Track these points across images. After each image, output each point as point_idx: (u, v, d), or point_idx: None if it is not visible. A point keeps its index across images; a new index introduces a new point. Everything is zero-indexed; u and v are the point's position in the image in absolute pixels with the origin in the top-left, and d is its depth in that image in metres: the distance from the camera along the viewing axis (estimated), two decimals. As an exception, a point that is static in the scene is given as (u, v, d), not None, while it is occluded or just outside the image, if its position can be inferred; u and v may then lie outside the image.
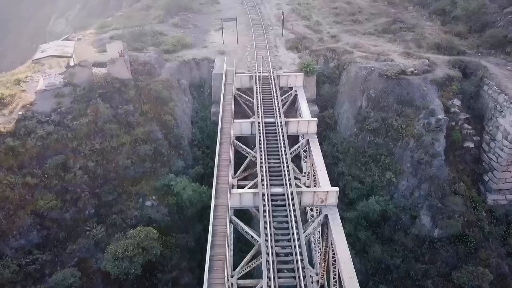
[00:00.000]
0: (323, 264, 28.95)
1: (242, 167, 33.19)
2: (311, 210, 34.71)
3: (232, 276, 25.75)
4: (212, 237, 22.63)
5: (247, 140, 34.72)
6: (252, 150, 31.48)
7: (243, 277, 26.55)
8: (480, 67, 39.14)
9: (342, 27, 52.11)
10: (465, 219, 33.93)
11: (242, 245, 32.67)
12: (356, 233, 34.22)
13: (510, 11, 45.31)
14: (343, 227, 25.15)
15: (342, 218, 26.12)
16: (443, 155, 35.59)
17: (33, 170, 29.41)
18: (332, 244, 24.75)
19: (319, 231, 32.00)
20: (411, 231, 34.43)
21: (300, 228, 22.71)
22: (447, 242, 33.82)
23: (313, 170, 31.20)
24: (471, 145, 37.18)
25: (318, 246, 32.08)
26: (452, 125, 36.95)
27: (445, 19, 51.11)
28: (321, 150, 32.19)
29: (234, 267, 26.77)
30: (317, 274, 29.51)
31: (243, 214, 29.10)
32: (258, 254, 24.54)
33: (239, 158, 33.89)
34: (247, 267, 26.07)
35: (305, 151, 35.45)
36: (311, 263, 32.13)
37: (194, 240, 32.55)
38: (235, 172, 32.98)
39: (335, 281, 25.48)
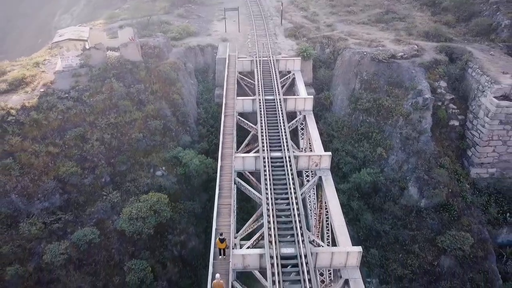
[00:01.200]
0: (318, 226, 31.95)
1: (244, 143, 36.09)
2: (308, 181, 37.58)
3: (235, 238, 28.65)
4: (219, 190, 25.64)
5: (248, 119, 37.60)
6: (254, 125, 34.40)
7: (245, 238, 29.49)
8: (466, 52, 42.09)
9: (337, 17, 55.17)
10: (450, 190, 36.74)
11: (244, 214, 35.58)
12: (349, 203, 37.08)
13: (495, 1, 48.27)
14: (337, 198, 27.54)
15: (336, 190, 28.55)
16: (430, 132, 38.52)
17: (55, 140, 32.35)
18: (325, 203, 27.67)
19: (314, 197, 34.97)
20: (400, 201, 37.25)
21: (296, 184, 25.64)
22: (432, 210, 36.58)
23: (310, 144, 34.10)
24: (456, 123, 40.13)
25: (314, 212, 34.98)
26: (438, 105, 39.89)
27: (435, 10, 54.21)
28: (317, 128, 35.02)
29: (237, 231, 29.56)
30: (312, 235, 32.50)
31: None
32: (258, 218, 27.37)
33: (241, 136, 36.74)
34: (249, 229, 28.99)
35: (302, 128, 38.38)
36: (308, 228, 35.01)
37: (200, 207, 35.46)
38: (237, 147, 35.82)
39: (328, 236, 28.44)
